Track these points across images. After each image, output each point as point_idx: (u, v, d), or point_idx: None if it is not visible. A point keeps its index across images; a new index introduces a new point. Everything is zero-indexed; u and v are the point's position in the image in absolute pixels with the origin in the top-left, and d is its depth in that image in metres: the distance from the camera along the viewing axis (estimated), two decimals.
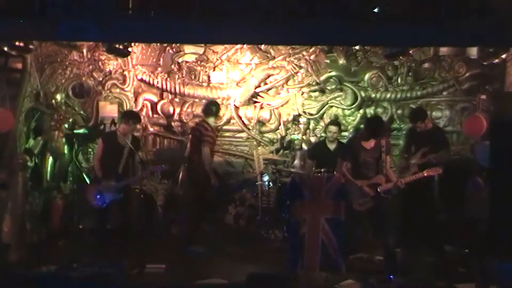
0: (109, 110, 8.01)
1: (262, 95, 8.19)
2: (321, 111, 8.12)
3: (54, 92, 7.72)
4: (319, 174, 6.41)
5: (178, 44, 8.13)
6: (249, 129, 8.22)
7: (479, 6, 5.67)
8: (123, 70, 8.17)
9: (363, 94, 8.03)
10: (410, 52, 6.84)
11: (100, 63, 8.08)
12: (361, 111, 8.04)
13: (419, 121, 6.58)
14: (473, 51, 7.45)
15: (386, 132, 6.18)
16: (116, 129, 6.72)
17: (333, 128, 7.04)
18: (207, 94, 8.27)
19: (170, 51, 8.29)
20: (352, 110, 8.05)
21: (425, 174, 6.05)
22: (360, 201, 5.92)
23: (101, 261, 5.77)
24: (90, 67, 8.06)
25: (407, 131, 7.09)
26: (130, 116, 6.69)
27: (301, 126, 8.17)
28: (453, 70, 7.78)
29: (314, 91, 8.18)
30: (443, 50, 7.74)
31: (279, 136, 8.19)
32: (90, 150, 8.08)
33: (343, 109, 8.08)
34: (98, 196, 6.42)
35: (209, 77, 8.31)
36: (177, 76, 8.31)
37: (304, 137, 8.13)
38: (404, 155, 6.79)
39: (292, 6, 5.79)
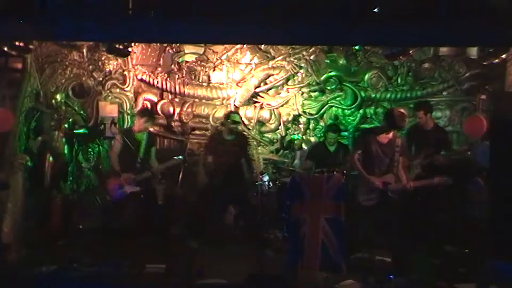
0: (109, 110, 8.01)
1: (262, 95, 8.20)
2: (321, 111, 8.11)
3: (54, 92, 7.73)
4: (319, 174, 6.40)
5: (178, 44, 8.13)
6: (249, 129, 8.22)
7: (479, 6, 5.67)
8: (123, 70, 8.17)
9: (363, 94, 8.03)
10: (410, 52, 6.84)
11: (100, 63, 8.09)
12: (361, 111, 8.04)
13: (421, 111, 6.58)
14: (473, 51, 7.45)
15: (404, 123, 6.15)
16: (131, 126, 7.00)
17: (332, 135, 7.06)
18: (207, 94, 8.28)
19: (170, 51, 8.29)
20: (352, 110, 8.05)
21: (435, 182, 6.05)
22: (366, 196, 5.89)
23: (101, 261, 5.79)
24: (90, 67, 8.07)
25: (408, 130, 7.06)
26: (144, 114, 6.93)
27: (301, 126, 8.17)
28: (453, 70, 7.78)
29: (314, 91, 8.17)
30: (443, 50, 7.74)
31: (279, 136, 8.19)
32: (90, 150, 8.09)
33: (343, 109, 8.08)
34: (118, 189, 6.60)
35: (209, 77, 8.32)
36: (177, 76, 8.32)
37: (304, 137, 8.13)
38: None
39: (292, 6, 5.78)
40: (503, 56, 6.44)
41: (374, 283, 5.34)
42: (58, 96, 7.67)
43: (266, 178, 7.62)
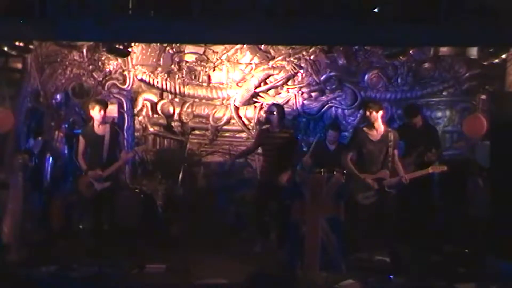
0: (109, 110, 7.96)
1: (262, 95, 8.19)
2: (321, 111, 8.11)
3: (54, 92, 7.72)
4: (319, 174, 6.39)
5: (178, 44, 8.13)
6: (249, 129, 8.21)
7: (479, 6, 5.67)
8: (123, 70, 8.17)
9: (363, 94, 8.03)
10: (410, 52, 6.83)
11: (100, 63, 8.08)
12: (361, 111, 8.03)
13: (415, 117, 6.61)
14: (473, 51, 7.43)
15: (378, 105, 6.12)
16: (92, 122, 6.72)
17: (332, 133, 7.04)
18: (207, 94, 8.28)
19: (170, 51, 8.29)
20: (352, 110, 8.05)
21: (430, 171, 6.04)
22: (364, 195, 5.88)
23: (101, 261, 5.79)
24: (90, 67, 8.06)
25: (399, 129, 7.04)
26: (97, 103, 6.72)
27: (301, 126, 8.17)
28: (453, 70, 7.77)
29: (314, 91, 8.18)
30: (443, 50, 7.71)
31: None
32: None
33: (343, 109, 8.08)
34: (88, 186, 6.51)
35: (209, 77, 8.32)
36: (177, 76, 8.31)
37: (304, 137, 8.12)
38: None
39: (292, 6, 5.79)
40: (503, 56, 6.44)
41: (374, 283, 5.34)
42: (58, 96, 7.67)
43: None
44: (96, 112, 6.58)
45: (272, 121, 6.74)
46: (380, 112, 6.11)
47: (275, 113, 6.68)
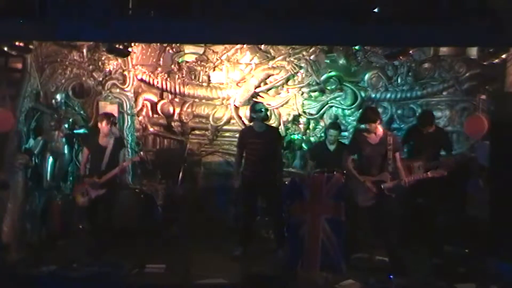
0: (109, 110, 7.99)
1: (262, 95, 8.19)
2: (321, 111, 8.11)
3: (54, 92, 7.71)
4: (319, 174, 6.39)
5: (178, 44, 8.14)
6: None
7: (479, 6, 5.67)
8: (123, 70, 8.16)
9: (363, 94, 8.03)
10: (410, 52, 6.83)
11: (100, 63, 8.08)
12: (361, 111, 8.03)
13: (429, 125, 6.61)
14: (473, 51, 7.44)
15: (377, 116, 6.07)
16: (98, 131, 6.79)
17: (333, 132, 7.04)
18: (207, 94, 8.28)
19: (170, 51, 8.30)
20: (352, 110, 8.05)
21: (429, 175, 6.05)
22: (364, 197, 5.88)
23: (101, 261, 5.79)
24: (90, 67, 8.05)
25: (409, 131, 7.07)
26: (105, 117, 6.79)
27: (301, 126, 8.17)
28: (453, 70, 7.76)
29: (314, 91, 8.17)
30: (443, 50, 7.72)
31: None
32: None
33: (343, 109, 8.08)
34: (83, 194, 6.56)
35: (209, 77, 8.32)
36: (177, 76, 8.32)
37: (304, 137, 8.13)
38: (406, 156, 6.77)
39: (292, 6, 5.79)
40: (503, 56, 6.43)
41: (374, 283, 5.35)
42: (58, 96, 7.66)
43: None
44: (103, 125, 6.66)
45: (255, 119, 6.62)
46: (378, 121, 6.04)
47: (259, 111, 6.58)
